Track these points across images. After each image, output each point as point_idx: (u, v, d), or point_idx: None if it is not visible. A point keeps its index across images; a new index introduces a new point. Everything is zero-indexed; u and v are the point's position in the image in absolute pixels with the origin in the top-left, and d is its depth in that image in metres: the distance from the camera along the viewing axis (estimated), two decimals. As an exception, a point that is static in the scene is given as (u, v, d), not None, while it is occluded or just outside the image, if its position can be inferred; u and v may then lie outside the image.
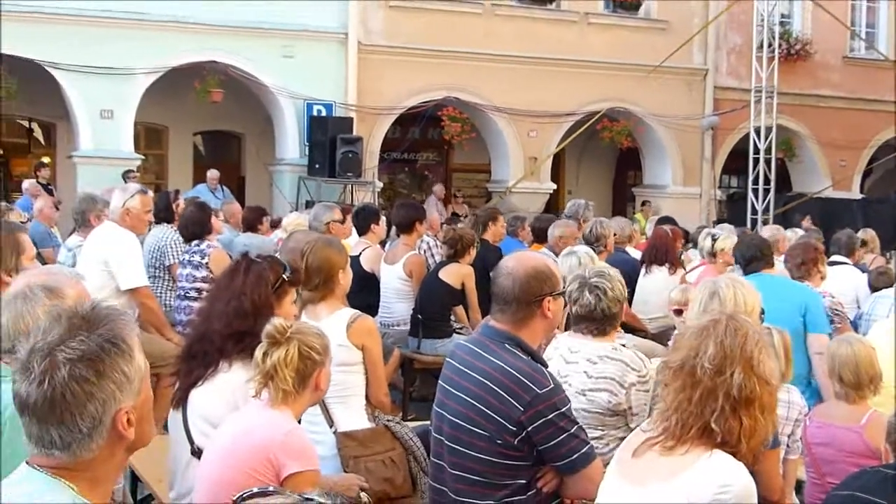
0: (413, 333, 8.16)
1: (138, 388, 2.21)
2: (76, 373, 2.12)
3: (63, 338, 2.15)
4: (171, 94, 19.05)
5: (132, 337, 2.22)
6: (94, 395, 2.14)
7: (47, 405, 2.13)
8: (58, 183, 19.60)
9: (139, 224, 7.15)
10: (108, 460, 2.23)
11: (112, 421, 2.17)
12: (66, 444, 2.16)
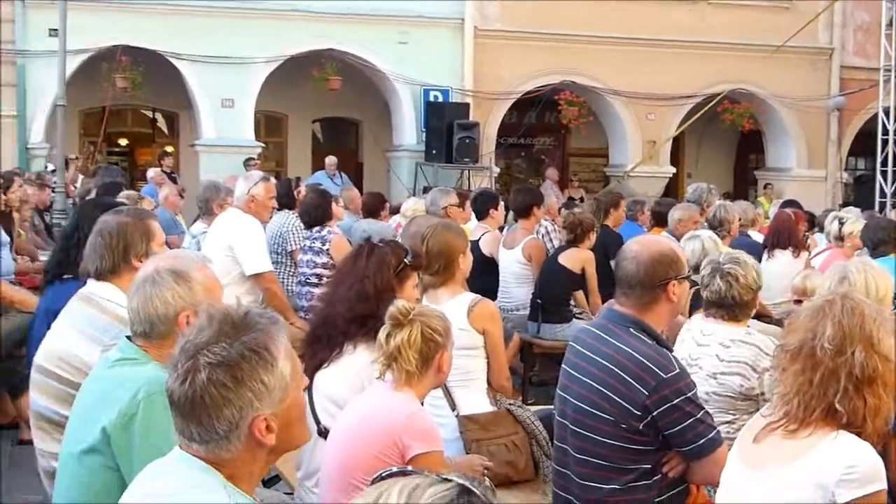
0: (532, 318, 8.13)
1: (280, 397, 2.23)
2: (214, 377, 2.17)
3: (209, 341, 2.20)
4: (290, 83, 19.32)
5: (277, 346, 2.24)
6: (230, 400, 2.18)
7: (188, 404, 2.19)
8: (181, 171, 20.09)
9: (263, 210, 7.27)
10: (250, 462, 2.27)
11: (249, 427, 2.20)
12: (204, 441, 2.22)
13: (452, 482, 1.54)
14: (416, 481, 1.54)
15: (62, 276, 4.96)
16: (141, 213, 4.25)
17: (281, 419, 2.24)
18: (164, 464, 2.34)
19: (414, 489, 1.52)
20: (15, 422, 6.94)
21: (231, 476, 2.24)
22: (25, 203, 10.49)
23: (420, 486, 1.52)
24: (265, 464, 2.35)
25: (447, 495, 1.51)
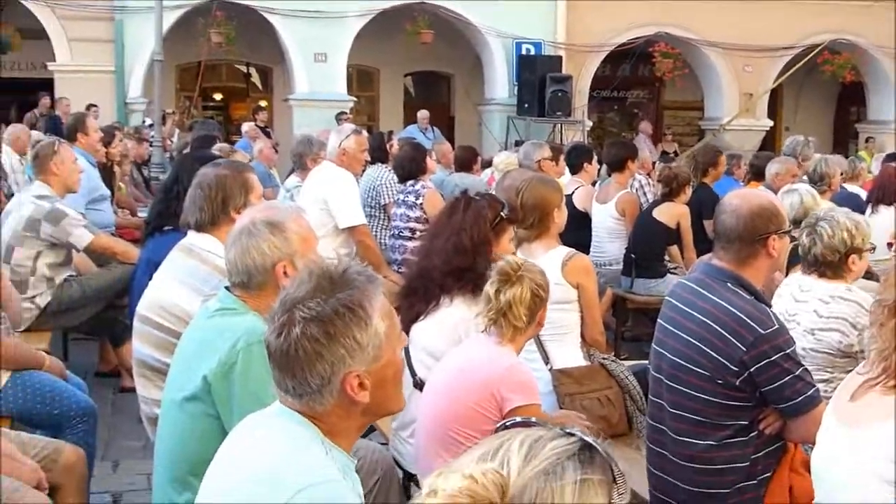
0: (626, 273, 8.06)
1: (374, 355, 2.23)
2: (308, 332, 2.18)
3: (305, 296, 2.21)
4: (382, 37, 19.34)
5: (373, 304, 2.23)
6: (323, 355, 2.19)
7: (283, 357, 2.21)
8: (274, 125, 20.30)
9: (355, 163, 7.30)
10: (345, 419, 2.28)
11: (341, 383, 2.21)
12: (298, 395, 2.24)
13: (575, 437, 1.52)
14: (538, 433, 1.52)
15: (163, 227, 5.06)
16: (239, 166, 4.30)
17: (374, 378, 2.24)
18: (263, 415, 2.37)
19: (535, 441, 1.50)
20: (117, 370, 7.13)
21: (328, 432, 2.26)
22: (125, 157, 10.71)
23: (542, 439, 1.51)
24: (362, 423, 2.36)
25: (569, 450, 1.50)
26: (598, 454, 1.52)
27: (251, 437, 2.35)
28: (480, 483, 1.43)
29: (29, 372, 4.63)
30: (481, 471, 1.45)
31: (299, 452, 2.20)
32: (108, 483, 5.55)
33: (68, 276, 6.31)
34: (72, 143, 7.54)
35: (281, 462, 2.18)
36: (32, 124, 14.93)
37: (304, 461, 2.17)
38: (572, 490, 1.46)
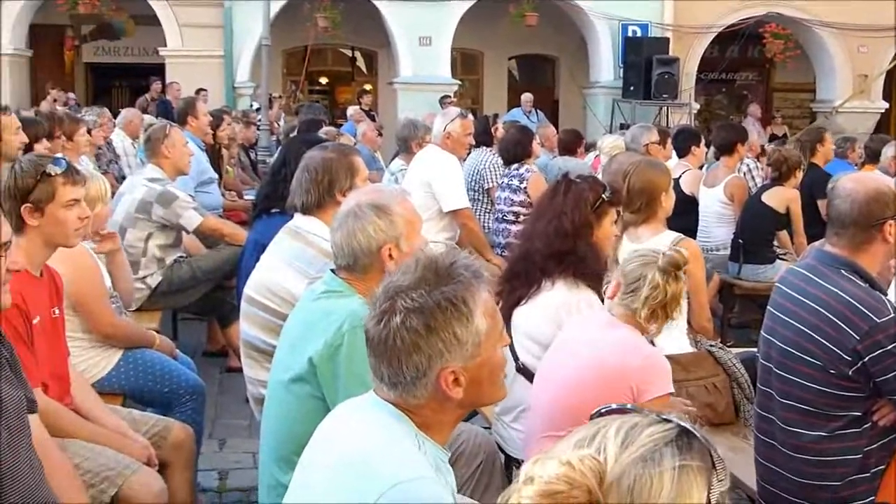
0: (734, 258, 7.90)
1: (473, 352, 2.20)
2: (408, 322, 2.16)
3: (409, 286, 2.20)
4: (487, 20, 19.30)
5: (476, 301, 2.21)
6: (420, 347, 2.17)
7: (380, 345, 2.20)
8: (379, 109, 20.43)
9: (459, 147, 7.30)
10: (438, 412, 2.26)
11: (436, 377, 2.19)
12: (393, 384, 2.23)
13: (672, 423, 1.49)
14: (634, 420, 1.50)
15: (270, 210, 5.12)
16: (346, 149, 4.33)
17: (471, 375, 2.22)
18: (358, 404, 2.37)
19: (632, 428, 1.48)
20: (224, 350, 7.27)
21: (422, 425, 2.25)
22: (233, 140, 10.89)
23: (638, 426, 1.49)
24: (456, 417, 2.34)
25: (666, 436, 1.47)
26: (697, 440, 1.49)
27: (346, 426, 2.35)
28: (577, 469, 1.42)
29: (140, 350, 4.74)
30: (578, 457, 1.44)
31: (392, 447, 2.18)
32: (214, 461, 5.66)
33: (178, 257, 6.45)
34: (182, 126, 7.70)
35: (374, 456, 2.17)
36: (144, 108, 15.31)
37: (396, 456, 2.16)
38: (671, 476, 1.43)
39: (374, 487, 2.07)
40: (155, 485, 3.66)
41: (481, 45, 21.92)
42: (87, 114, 9.78)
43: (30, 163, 3.77)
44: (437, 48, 18.94)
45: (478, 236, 7.10)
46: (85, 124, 8.48)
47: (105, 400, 4.16)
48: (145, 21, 20.58)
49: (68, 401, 3.81)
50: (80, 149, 8.06)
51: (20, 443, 2.78)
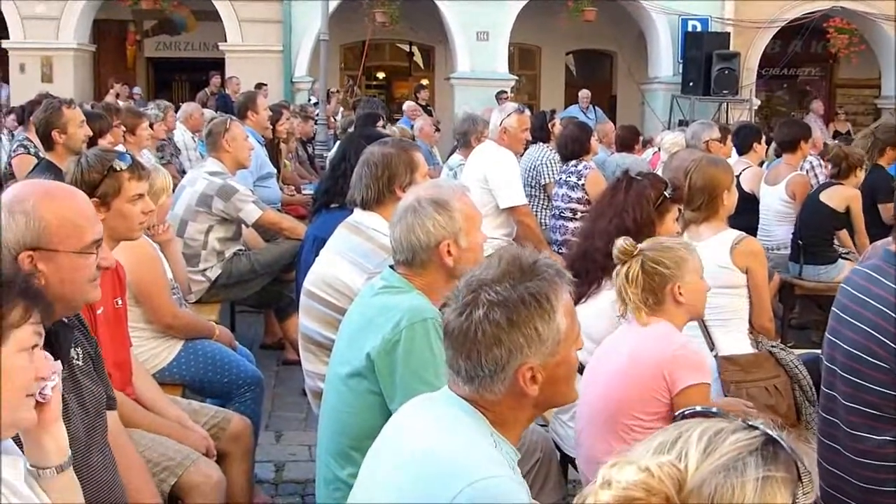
0: (793, 258, 7.79)
1: (552, 350, 2.19)
2: (491, 315, 2.16)
3: (493, 279, 2.19)
4: (545, 15, 19.23)
5: (558, 299, 2.20)
6: (501, 341, 2.16)
7: (461, 337, 2.19)
8: (436, 104, 20.45)
9: (516, 142, 7.27)
10: (513, 409, 2.25)
11: (515, 372, 2.18)
12: (470, 378, 2.22)
13: (758, 430, 1.45)
14: (718, 425, 1.46)
15: (329, 204, 5.14)
16: (405, 145, 4.33)
17: (548, 373, 2.20)
18: (432, 400, 2.36)
19: (716, 434, 1.44)
20: (281, 343, 7.32)
21: (495, 422, 2.23)
22: (291, 135, 10.95)
23: (723, 432, 1.45)
24: (530, 416, 2.33)
25: (751, 444, 1.43)
26: (783, 450, 1.44)
27: (418, 422, 2.34)
28: (656, 476, 1.39)
29: (201, 341, 4.78)
30: (657, 463, 1.40)
31: (469, 444, 2.17)
32: (270, 453, 5.70)
33: (237, 250, 6.50)
34: (242, 120, 7.74)
35: (450, 453, 2.15)
36: (204, 102, 15.44)
37: (473, 453, 2.14)
38: (754, 487, 1.39)
39: (451, 485, 2.05)
40: (214, 475, 3.70)
41: (539, 41, 21.84)
42: (150, 108, 9.89)
43: (96, 158, 3.81)
44: (495, 43, 18.90)
45: (535, 233, 7.07)
46: (147, 118, 8.58)
47: (165, 390, 4.20)
48: (206, 16, 20.80)
49: (130, 391, 3.85)
50: (142, 143, 8.16)
51: (98, 439, 2.82)
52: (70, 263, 2.66)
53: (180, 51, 23.96)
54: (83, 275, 2.70)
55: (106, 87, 20.07)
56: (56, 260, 2.63)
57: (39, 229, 2.62)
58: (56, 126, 6.20)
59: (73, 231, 2.68)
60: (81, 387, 2.81)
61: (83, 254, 2.69)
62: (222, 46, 19.64)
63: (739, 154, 8.59)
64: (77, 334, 2.92)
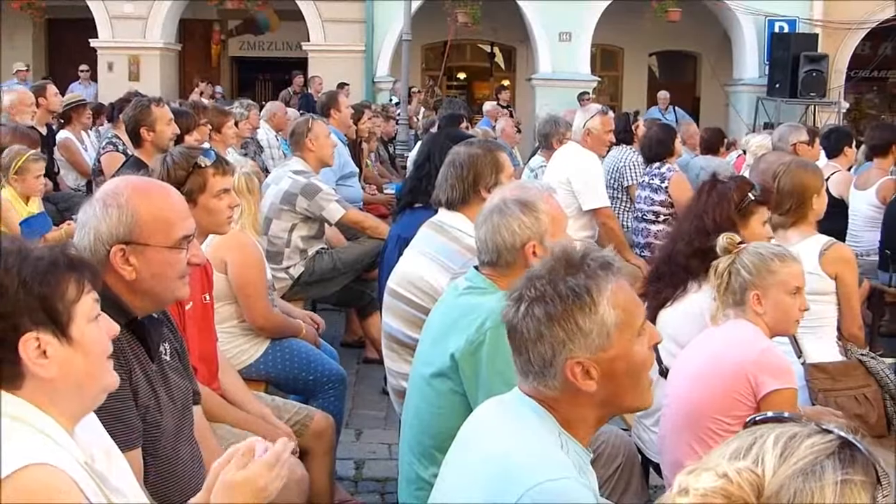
0: (882, 266, 7.60)
1: (601, 344, 2.16)
2: (531, 311, 2.17)
3: (538, 275, 2.20)
4: (628, 15, 19.10)
5: (601, 292, 2.17)
6: (543, 336, 2.16)
7: (513, 332, 2.22)
8: (516, 105, 20.40)
9: (599, 144, 7.24)
10: (575, 408, 2.23)
11: (563, 367, 2.17)
12: (525, 374, 2.23)
13: (833, 434, 1.43)
14: (793, 430, 1.44)
15: (413, 204, 5.15)
16: (491, 146, 4.32)
17: (603, 368, 2.18)
18: (503, 401, 2.37)
19: (791, 438, 1.42)
20: (361, 341, 7.36)
21: (564, 422, 2.22)
22: (373, 134, 11.01)
23: (798, 436, 1.42)
24: (599, 415, 2.29)
25: (827, 448, 1.40)
26: (860, 453, 1.41)
27: (489, 423, 2.35)
28: (735, 482, 1.37)
29: (287, 339, 4.83)
30: (735, 469, 1.39)
31: (535, 445, 2.17)
32: (350, 450, 5.73)
33: (320, 248, 6.55)
34: (325, 119, 7.80)
35: (515, 455, 2.15)
36: (286, 102, 15.60)
37: (538, 455, 2.14)
38: (833, 491, 1.37)
39: (516, 487, 2.05)
40: (297, 471, 3.72)
41: (621, 42, 21.69)
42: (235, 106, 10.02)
43: (181, 155, 3.87)
44: (577, 44, 18.82)
45: (617, 235, 7.01)
46: (232, 116, 8.69)
47: (248, 386, 4.25)
48: (289, 16, 21.04)
49: (216, 385, 3.90)
50: (227, 140, 8.26)
51: (184, 432, 2.86)
52: (161, 258, 2.70)
53: (263, 50, 24.28)
54: (173, 270, 2.74)
55: (191, 85, 20.41)
56: (147, 254, 2.67)
57: (132, 223, 2.66)
58: (144, 123, 6.30)
59: (164, 226, 2.72)
60: (170, 381, 2.86)
61: (174, 249, 2.73)
62: (305, 46, 19.84)
63: (828, 158, 8.41)
64: (165, 330, 2.96)
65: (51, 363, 1.95)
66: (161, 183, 2.99)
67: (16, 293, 1.92)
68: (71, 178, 9.25)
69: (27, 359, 1.93)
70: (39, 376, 1.94)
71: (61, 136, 9.45)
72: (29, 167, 6.02)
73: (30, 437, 1.89)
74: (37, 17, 21.02)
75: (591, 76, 19.10)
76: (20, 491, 1.78)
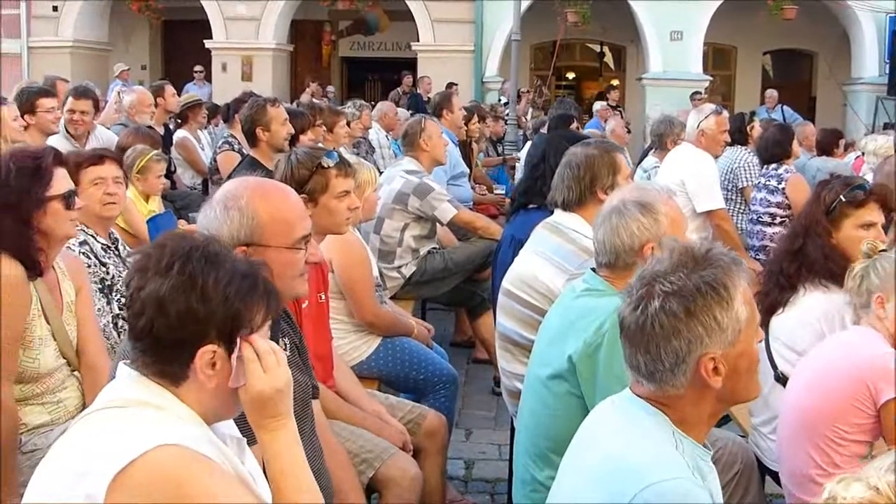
0: None
1: (732, 339, 2.15)
2: (667, 306, 2.13)
3: (667, 271, 2.17)
4: (741, 13, 18.78)
5: (736, 286, 2.16)
6: (680, 331, 2.13)
7: (637, 331, 2.18)
8: (626, 105, 20.25)
9: (714, 145, 7.14)
10: (697, 405, 2.21)
11: (696, 363, 2.14)
12: (650, 373, 2.20)
13: None
14: None
15: (528, 205, 5.14)
16: (608, 146, 4.28)
17: (730, 364, 2.16)
18: (614, 403, 2.35)
19: None
20: (471, 341, 7.38)
21: (679, 420, 2.20)
22: (482, 135, 11.03)
23: None
24: (714, 411, 2.27)
25: None
26: None
27: (602, 425, 2.34)
28: (884, 494, 1.35)
29: (399, 338, 4.87)
30: (887, 482, 1.37)
31: (647, 445, 2.15)
32: (461, 450, 5.75)
33: (432, 248, 6.58)
34: (437, 119, 7.83)
35: (628, 455, 2.14)
36: (396, 101, 15.73)
37: (651, 455, 2.12)
38: None
39: (629, 488, 2.05)
40: (411, 469, 3.75)
41: (734, 40, 21.33)
42: (348, 107, 10.14)
43: (305, 155, 3.92)
44: (689, 43, 18.57)
45: (732, 238, 6.89)
46: (344, 117, 8.79)
47: (362, 384, 4.29)
48: (399, 16, 21.23)
49: (331, 383, 3.95)
50: (339, 140, 8.36)
51: (304, 428, 2.91)
52: (280, 258, 2.74)
53: (373, 50, 24.54)
54: (292, 269, 2.78)
55: (302, 85, 20.74)
56: (267, 255, 2.69)
57: (253, 225, 2.71)
58: (260, 124, 6.41)
59: (284, 227, 2.76)
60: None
61: (293, 249, 2.77)
62: (414, 46, 19.98)
63: (954, 159, 8.14)
64: (283, 325, 3.00)
65: (215, 376, 2.01)
66: (279, 184, 3.03)
67: (216, 306, 1.98)
68: (187, 176, 9.47)
69: (198, 366, 1.99)
70: (201, 382, 2.01)
71: (178, 135, 9.68)
72: (151, 167, 6.18)
73: (161, 419, 1.95)
74: (154, 19, 21.59)
75: (702, 75, 18.83)
76: (153, 469, 1.83)
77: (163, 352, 1.98)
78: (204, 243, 2.06)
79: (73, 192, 3.53)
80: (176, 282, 1.96)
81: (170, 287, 1.95)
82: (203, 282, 1.97)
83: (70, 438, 1.96)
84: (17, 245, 3.33)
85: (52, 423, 3.47)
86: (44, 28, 21.09)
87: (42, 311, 3.44)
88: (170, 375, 2.01)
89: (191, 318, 1.96)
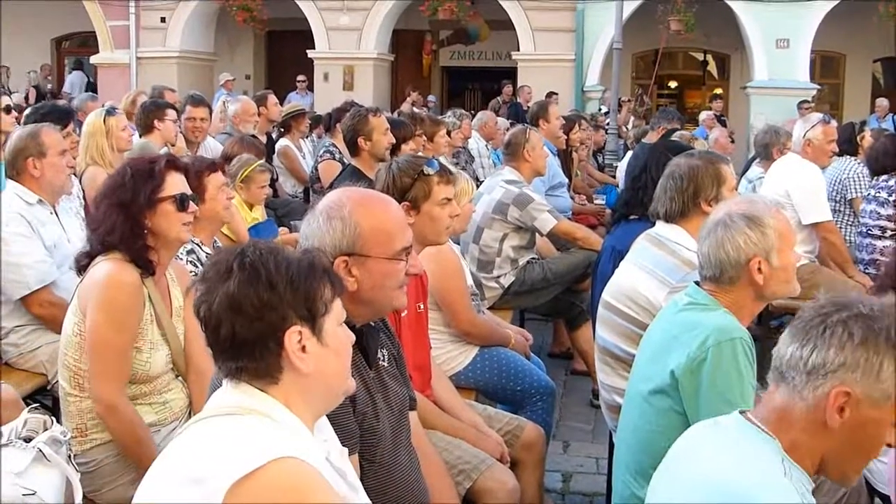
0: None
1: (878, 395, 2.06)
2: (852, 322, 2.08)
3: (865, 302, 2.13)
4: (851, 20, 18.33)
5: None
6: (843, 349, 2.07)
7: (809, 329, 2.13)
8: (729, 114, 19.93)
9: (821, 155, 6.98)
10: (811, 436, 2.14)
11: (831, 389, 2.07)
12: (782, 373, 2.15)
13: None
14: None
15: (629, 216, 5.07)
16: (713, 157, 4.19)
17: (854, 417, 2.08)
18: (719, 423, 2.30)
19: None
20: (569, 352, 7.32)
21: (789, 448, 2.13)
22: (582, 144, 10.94)
23: None
24: (826, 447, 2.17)
25: None
26: None
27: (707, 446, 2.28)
28: None
29: (496, 348, 4.85)
30: None
31: (756, 469, 2.09)
32: (558, 462, 5.70)
33: (531, 258, 6.54)
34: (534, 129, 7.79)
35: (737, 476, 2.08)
36: (496, 111, 15.73)
37: (757, 477, 2.07)
38: None
39: None
40: (509, 482, 3.72)
41: (843, 47, 20.82)
42: (448, 116, 10.16)
43: (407, 163, 3.94)
44: (795, 50, 18.17)
45: (840, 251, 6.71)
46: (445, 126, 8.80)
47: (459, 394, 4.27)
48: (499, 26, 21.24)
49: (429, 392, 3.95)
50: (439, 150, 8.37)
51: (402, 439, 2.91)
52: (381, 269, 2.73)
53: (473, 60, 24.59)
54: (393, 280, 2.78)
55: (402, 95, 20.88)
56: (368, 265, 2.70)
57: (354, 236, 2.71)
58: (362, 133, 6.46)
59: (385, 238, 2.75)
60: (388, 387, 2.90)
61: (393, 260, 2.77)
62: (515, 55, 19.95)
63: None
64: (382, 337, 3.01)
65: (309, 358, 2.04)
66: (381, 195, 3.04)
67: (285, 289, 2.01)
68: (289, 184, 9.59)
69: (291, 351, 2.02)
70: (297, 370, 2.03)
71: (281, 143, 9.81)
72: (255, 177, 6.26)
73: (278, 431, 1.96)
74: (259, 30, 21.96)
75: (809, 84, 18.41)
76: (272, 481, 1.84)
77: (252, 351, 2.01)
78: (252, 242, 2.12)
79: (186, 195, 3.61)
80: (241, 278, 2.00)
81: (237, 285, 2.00)
82: (266, 270, 2.01)
83: (184, 442, 1.99)
84: (130, 243, 3.45)
85: (159, 424, 3.55)
86: (152, 38, 21.64)
87: (155, 317, 3.53)
88: (266, 374, 2.03)
89: (265, 306, 1.99)
